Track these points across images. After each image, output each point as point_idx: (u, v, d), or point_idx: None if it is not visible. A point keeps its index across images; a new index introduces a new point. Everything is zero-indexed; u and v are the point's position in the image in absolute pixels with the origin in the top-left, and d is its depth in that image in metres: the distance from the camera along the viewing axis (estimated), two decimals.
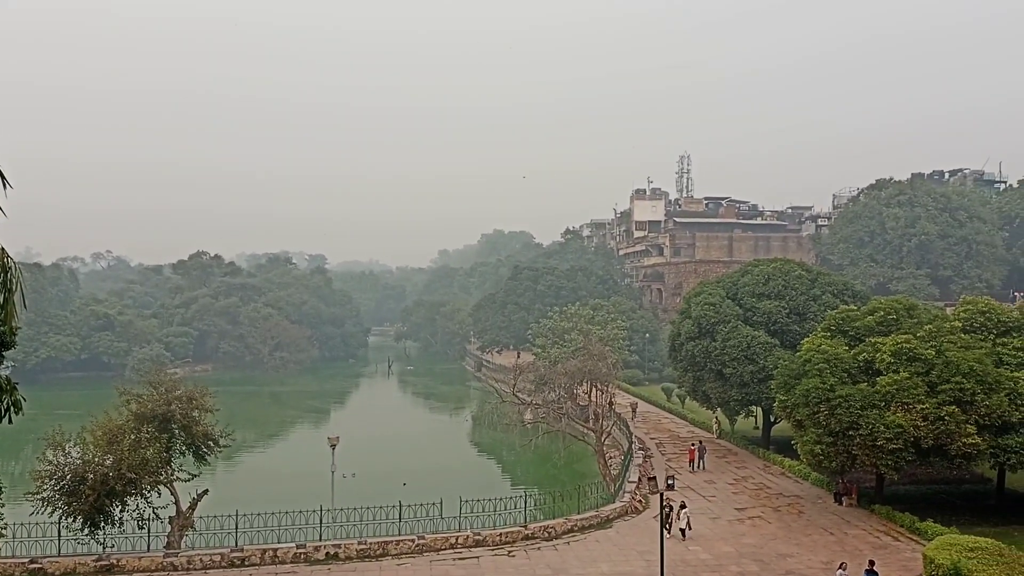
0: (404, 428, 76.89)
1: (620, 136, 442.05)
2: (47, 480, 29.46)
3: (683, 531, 32.42)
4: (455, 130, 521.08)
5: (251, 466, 59.68)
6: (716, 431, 55.28)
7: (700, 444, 47.39)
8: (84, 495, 29.05)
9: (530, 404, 49.26)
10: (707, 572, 28.69)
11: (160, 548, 31.31)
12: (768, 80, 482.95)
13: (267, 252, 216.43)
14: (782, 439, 46.59)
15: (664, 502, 28.80)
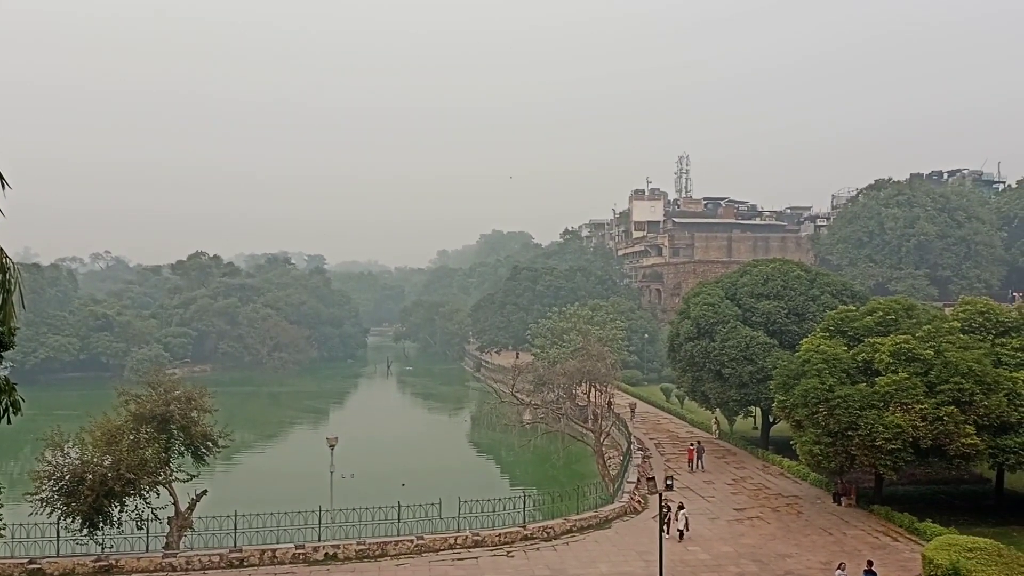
0: (403, 428, 76.90)
1: (620, 136, 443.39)
2: (46, 480, 29.45)
3: (681, 532, 32.38)
4: (455, 130, 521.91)
5: (250, 467, 59.65)
6: (715, 432, 55.26)
7: (699, 444, 47.35)
8: (83, 495, 29.03)
9: (529, 404, 49.26)
10: (706, 572, 28.68)
11: (159, 549, 31.26)
12: (768, 80, 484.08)
13: (266, 252, 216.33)
14: (781, 439, 46.60)
15: (663, 502, 28.79)
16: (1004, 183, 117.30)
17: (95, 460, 29.74)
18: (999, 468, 35.14)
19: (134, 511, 30.62)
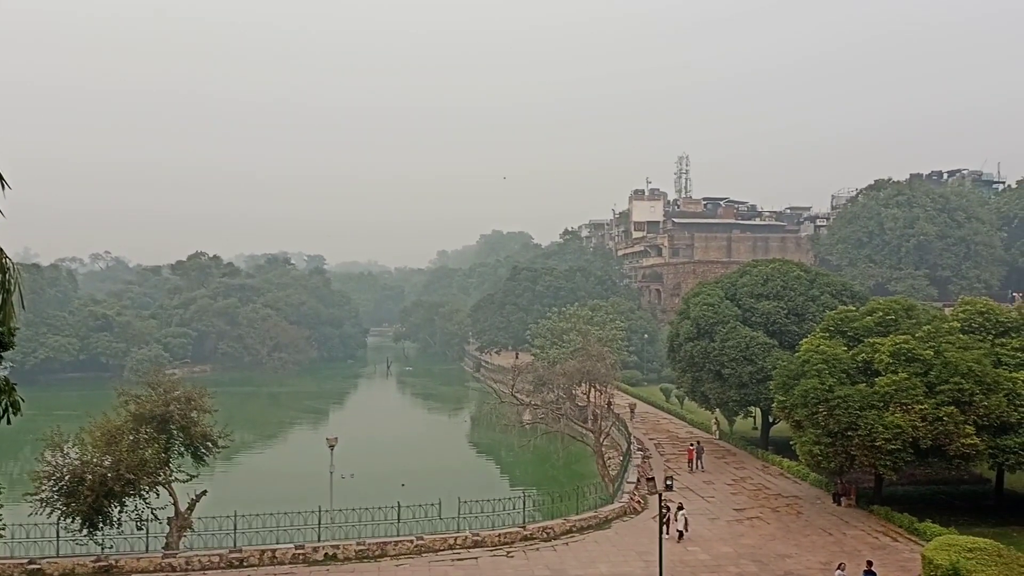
0: (403, 429, 76.86)
1: (620, 136, 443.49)
2: (45, 481, 29.42)
3: (680, 532, 32.37)
4: (455, 130, 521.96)
5: (250, 467, 59.61)
6: (715, 432, 55.22)
7: (698, 445, 47.32)
8: (83, 496, 28.99)
9: (529, 405, 49.27)
10: (706, 572, 28.69)
11: (158, 549, 31.26)
12: (768, 80, 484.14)
13: (266, 253, 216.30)
14: (781, 440, 46.60)
15: (662, 503, 28.79)
16: (1004, 183, 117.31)
17: (95, 460, 29.71)
18: (999, 468, 35.15)
19: (134, 511, 30.58)
